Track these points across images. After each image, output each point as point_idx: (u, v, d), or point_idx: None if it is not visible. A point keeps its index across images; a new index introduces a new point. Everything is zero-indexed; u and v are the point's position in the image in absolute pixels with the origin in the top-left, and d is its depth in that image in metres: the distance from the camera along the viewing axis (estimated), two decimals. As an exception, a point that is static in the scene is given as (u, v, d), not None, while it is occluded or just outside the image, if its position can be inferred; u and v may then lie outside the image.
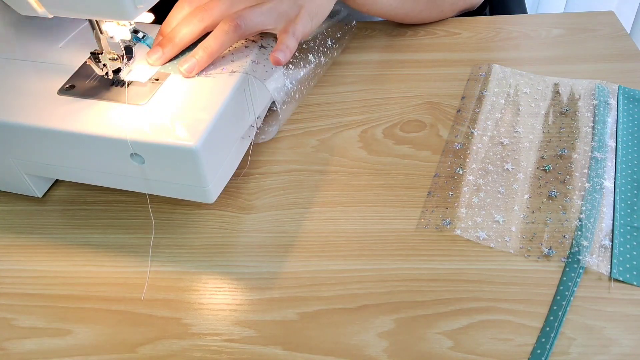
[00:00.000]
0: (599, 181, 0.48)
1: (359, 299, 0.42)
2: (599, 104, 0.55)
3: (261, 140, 0.50)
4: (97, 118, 0.42)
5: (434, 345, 0.39)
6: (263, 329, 0.40)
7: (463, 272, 0.43)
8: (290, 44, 0.47)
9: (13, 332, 0.41)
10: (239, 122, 0.46)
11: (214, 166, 0.43)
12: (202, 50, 0.45)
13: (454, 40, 0.67)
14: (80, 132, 0.42)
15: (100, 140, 0.42)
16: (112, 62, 0.44)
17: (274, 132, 0.50)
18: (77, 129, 0.42)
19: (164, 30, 0.48)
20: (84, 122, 0.42)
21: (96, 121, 0.42)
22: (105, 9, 0.39)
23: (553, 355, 0.37)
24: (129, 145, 0.41)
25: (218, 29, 0.46)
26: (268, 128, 0.51)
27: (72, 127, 0.42)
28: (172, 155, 0.41)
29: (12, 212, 0.50)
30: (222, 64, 0.46)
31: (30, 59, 0.49)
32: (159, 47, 0.46)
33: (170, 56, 0.47)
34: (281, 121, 0.49)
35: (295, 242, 0.46)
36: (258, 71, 0.46)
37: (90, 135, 0.42)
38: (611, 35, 0.65)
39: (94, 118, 0.42)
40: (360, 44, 0.67)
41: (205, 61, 0.45)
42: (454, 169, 0.50)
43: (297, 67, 0.51)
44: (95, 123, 0.42)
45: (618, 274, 0.42)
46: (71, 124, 0.42)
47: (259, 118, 0.49)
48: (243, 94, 0.46)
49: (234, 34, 0.46)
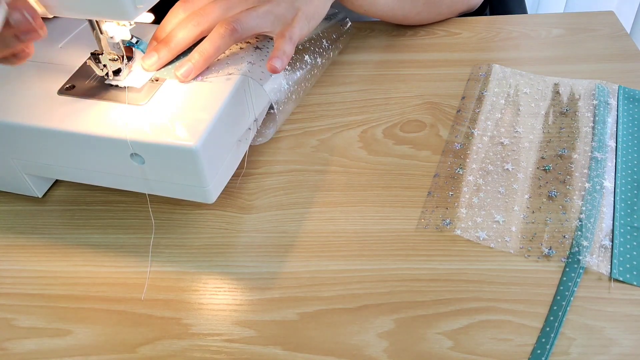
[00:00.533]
0: (599, 181, 0.48)
1: (359, 299, 0.42)
2: (599, 104, 0.55)
3: (258, 143, 0.50)
4: (97, 118, 0.42)
5: (434, 345, 0.39)
6: (263, 329, 0.40)
7: (463, 272, 0.43)
8: (287, 49, 0.46)
9: (13, 332, 0.41)
10: (238, 122, 0.46)
11: (214, 166, 0.43)
12: (198, 54, 0.45)
13: (454, 40, 0.67)
14: (80, 132, 0.42)
15: (100, 141, 0.42)
16: (112, 62, 0.44)
17: (270, 134, 0.50)
18: (77, 129, 0.42)
19: (158, 35, 0.48)
20: (84, 122, 0.42)
21: (96, 121, 0.42)
22: (105, 9, 0.39)
23: (553, 355, 0.37)
24: (129, 145, 0.41)
25: (214, 33, 0.45)
26: (265, 130, 0.50)
27: (72, 127, 0.42)
28: (172, 155, 0.41)
29: (12, 212, 0.50)
30: (219, 67, 0.46)
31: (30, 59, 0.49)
32: (154, 51, 0.46)
33: (166, 61, 0.46)
34: (278, 123, 0.49)
35: (295, 242, 0.46)
36: (255, 72, 0.46)
37: (90, 135, 0.42)
38: (611, 35, 0.65)
39: (94, 118, 0.42)
40: (360, 44, 0.67)
41: (201, 65, 0.45)
42: (454, 169, 0.50)
43: (294, 67, 0.51)
44: (95, 123, 0.42)
45: (618, 274, 0.42)
46: (71, 124, 0.42)
47: (257, 121, 0.49)
48: (243, 94, 0.46)
49: (230, 38, 0.45)
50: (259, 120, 0.50)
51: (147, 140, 0.40)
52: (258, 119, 0.49)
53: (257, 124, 0.50)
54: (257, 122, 0.49)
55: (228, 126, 0.44)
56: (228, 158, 0.46)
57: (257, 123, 0.50)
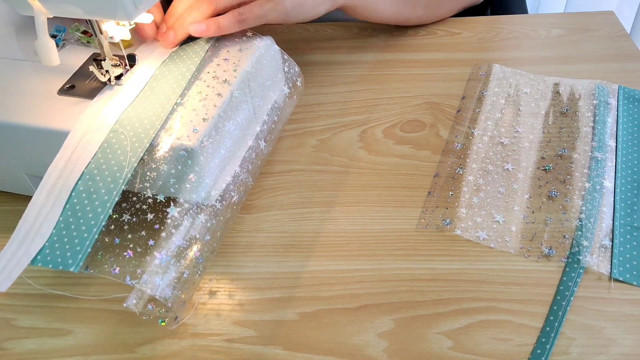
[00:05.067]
0: (599, 181, 0.48)
1: (359, 299, 0.42)
2: (599, 104, 0.55)
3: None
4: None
5: (433, 345, 0.39)
6: (263, 329, 0.40)
7: (463, 272, 0.43)
8: (224, 22, 0.48)
9: (13, 332, 0.41)
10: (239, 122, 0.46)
11: (214, 166, 0.43)
12: (212, 22, 0.48)
13: (454, 40, 0.67)
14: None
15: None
16: (114, 68, 0.45)
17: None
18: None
19: (168, 19, 0.49)
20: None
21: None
22: (105, 9, 0.39)
23: (553, 355, 0.37)
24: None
25: (227, 16, 0.49)
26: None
27: (72, 127, 0.42)
28: (172, 155, 0.41)
29: (12, 212, 0.50)
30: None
31: (30, 59, 0.49)
32: (170, 30, 0.48)
33: (182, 38, 0.48)
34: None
35: (295, 242, 0.46)
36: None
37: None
38: (611, 35, 0.65)
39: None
40: (361, 43, 0.67)
41: (213, 31, 0.48)
42: (454, 169, 0.50)
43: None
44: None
45: (618, 274, 0.42)
46: (71, 124, 0.42)
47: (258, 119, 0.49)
48: (243, 94, 0.46)
49: (240, 25, 0.49)
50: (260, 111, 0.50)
51: (146, 140, 0.40)
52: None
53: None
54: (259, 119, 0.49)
55: (228, 126, 0.44)
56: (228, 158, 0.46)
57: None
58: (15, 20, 0.53)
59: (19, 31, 0.52)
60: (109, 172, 0.39)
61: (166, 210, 0.39)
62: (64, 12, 0.40)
